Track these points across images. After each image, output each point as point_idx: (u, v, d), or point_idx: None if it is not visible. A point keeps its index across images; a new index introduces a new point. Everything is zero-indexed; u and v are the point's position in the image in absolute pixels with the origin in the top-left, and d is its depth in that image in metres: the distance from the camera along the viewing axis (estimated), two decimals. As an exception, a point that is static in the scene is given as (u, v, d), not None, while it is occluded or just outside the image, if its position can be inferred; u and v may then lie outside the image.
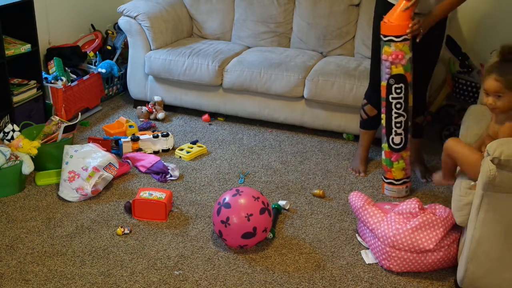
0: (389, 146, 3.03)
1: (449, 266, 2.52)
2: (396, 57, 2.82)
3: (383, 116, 3.01)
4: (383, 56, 2.86)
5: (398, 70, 2.85)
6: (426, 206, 2.66)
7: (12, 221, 2.82)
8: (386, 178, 3.12)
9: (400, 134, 2.99)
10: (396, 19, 2.79)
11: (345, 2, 3.98)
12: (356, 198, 2.68)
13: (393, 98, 2.92)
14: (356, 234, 2.76)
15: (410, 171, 3.13)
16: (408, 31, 2.78)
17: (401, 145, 3.01)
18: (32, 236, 2.71)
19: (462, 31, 3.97)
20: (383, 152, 3.08)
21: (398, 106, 2.93)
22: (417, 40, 2.87)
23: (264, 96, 3.85)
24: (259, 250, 2.64)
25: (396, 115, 2.95)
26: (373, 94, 3.25)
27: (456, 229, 2.52)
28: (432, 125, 3.93)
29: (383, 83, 2.93)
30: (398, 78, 2.87)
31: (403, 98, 2.92)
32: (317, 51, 4.12)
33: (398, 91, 2.90)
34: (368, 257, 2.60)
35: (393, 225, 2.47)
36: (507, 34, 3.92)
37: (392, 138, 3.01)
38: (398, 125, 2.97)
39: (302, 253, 2.63)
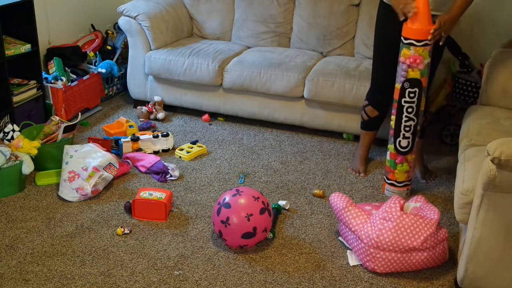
0: (395, 148, 3.02)
1: (434, 266, 2.52)
2: (414, 61, 2.80)
3: (392, 117, 3.00)
4: (401, 59, 2.85)
5: (415, 74, 2.84)
6: (412, 199, 2.67)
7: (12, 221, 2.82)
8: (388, 179, 3.12)
9: (408, 138, 2.98)
10: (419, 23, 2.76)
11: (345, 2, 3.98)
12: (337, 200, 2.66)
13: (405, 102, 2.91)
14: (339, 237, 2.76)
15: (412, 174, 3.13)
16: (429, 37, 2.77)
17: (408, 149, 3.01)
18: (32, 236, 2.71)
19: (462, 31, 3.97)
20: (388, 153, 3.08)
21: (410, 110, 2.92)
22: (440, 43, 2.88)
23: (264, 96, 3.85)
24: (259, 250, 2.64)
25: (406, 118, 2.94)
26: (374, 95, 3.25)
27: (443, 230, 2.52)
28: (432, 125, 3.93)
29: (397, 85, 2.92)
30: (414, 82, 2.85)
31: (415, 102, 2.90)
32: (317, 51, 4.12)
33: (412, 95, 2.88)
34: (352, 259, 2.59)
35: (376, 225, 2.47)
36: (507, 34, 3.92)
37: (399, 141, 3.00)
38: (407, 128, 2.96)
39: (302, 253, 2.63)
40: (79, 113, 3.68)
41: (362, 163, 3.40)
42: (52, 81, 3.84)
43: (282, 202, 2.98)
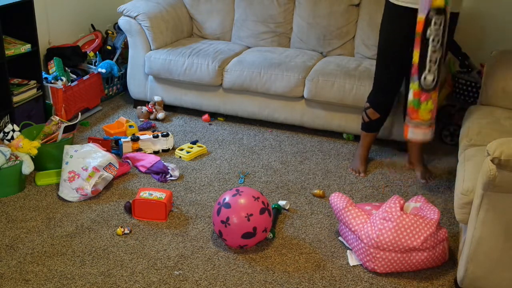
0: (420, 85, 2.91)
1: (434, 266, 2.52)
2: None
3: (415, 53, 2.90)
4: None
5: (439, 2, 2.76)
6: (413, 199, 2.67)
7: (12, 221, 2.82)
8: (411, 120, 3.00)
9: (434, 71, 2.88)
10: None
11: (345, 2, 3.98)
12: (337, 200, 2.66)
13: (431, 33, 2.81)
14: (339, 237, 2.76)
15: (435, 114, 3.03)
16: None
17: (433, 84, 2.91)
18: (32, 236, 2.71)
19: (462, 31, 3.97)
20: (410, 93, 2.97)
21: (436, 40, 2.82)
22: None
23: (264, 96, 3.85)
24: (259, 250, 2.64)
25: (433, 49, 2.84)
26: (376, 98, 3.24)
27: (443, 230, 2.52)
28: (432, 125, 3.93)
29: (420, 17, 2.83)
30: (439, 11, 2.78)
31: (441, 32, 2.81)
32: (317, 51, 4.12)
33: (437, 26, 2.80)
34: (352, 259, 2.59)
35: (376, 225, 2.47)
36: (507, 34, 3.92)
37: (425, 77, 2.88)
38: (432, 62, 2.86)
39: (302, 253, 2.63)
40: (79, 113, 3.68)
41: (362, 163, 3.40)
42: (52, 81, 3.84)
43: (282, 202, 2.98)
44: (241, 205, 2.55)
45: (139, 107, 4.11)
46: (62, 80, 3.84)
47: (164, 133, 3.60)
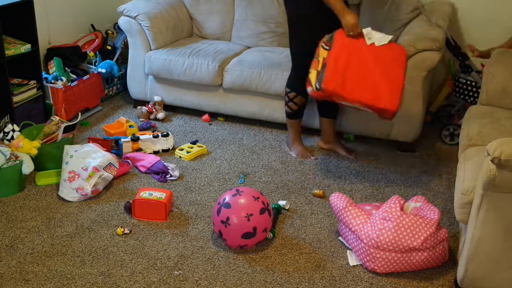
0: None
1: (434, 266, 2.52)
2: None
3: None
4: None
5: None
6: (413, 199, 2.67)
7: (12, 221, 2.82)
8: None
9: None
10: None
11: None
12: (337, 200, 2.65)
13: None
14: (339, 237, 2.76)
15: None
16: None
17: None
18: (32, 236, 2.71)
19: (462, 31, 3.97)
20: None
21: None
22: None
23: (264, 96, 3.85)
24: (259, 250, 2.64)
25: None
26: (300, 84, 3.31)
27: (443, 230, 2.52)
28: (432, 125, 3.93)
29: None
30: None
31: None
32: (317, 51, 4.11)
33: None
34: (352, 259, 2.59)
35: (376, 225, 2.47)
36: (506, 35, 3.92)
37: None
38: None
39: (302, 253, 2.63)
40: (79, 113, 3.68)
41: (306, 149, 3.56)
42: (52, 81, 3.84)
43: (282, 202, 2.98)
44: (241, 205, 2.55)
45: (139, 107, 4.11)
46: (62, 80, 3.84)
47: (164, 133, 3.60)
